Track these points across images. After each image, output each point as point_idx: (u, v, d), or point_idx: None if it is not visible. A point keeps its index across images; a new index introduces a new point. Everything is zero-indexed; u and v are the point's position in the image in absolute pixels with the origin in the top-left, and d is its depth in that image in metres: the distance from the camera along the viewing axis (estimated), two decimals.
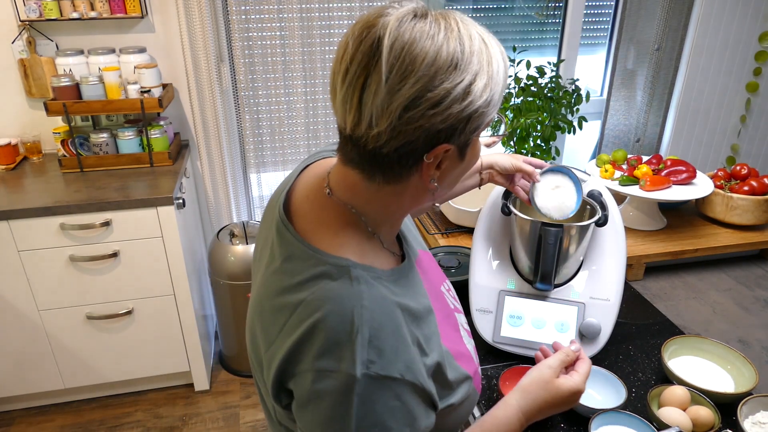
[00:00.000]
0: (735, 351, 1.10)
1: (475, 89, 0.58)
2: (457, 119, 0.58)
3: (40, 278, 1.95)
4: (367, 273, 0.64)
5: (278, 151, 2.46)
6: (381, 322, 0.61)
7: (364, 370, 0.58)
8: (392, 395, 0.60)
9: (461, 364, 0.76)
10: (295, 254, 0.65)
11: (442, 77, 0.56)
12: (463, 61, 0.57)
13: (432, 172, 0.63)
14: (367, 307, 0.61)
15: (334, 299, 0.61)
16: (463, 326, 0.85)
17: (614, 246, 1.19)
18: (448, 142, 0.60)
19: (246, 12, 2.19)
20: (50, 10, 2.01)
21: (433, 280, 0.83)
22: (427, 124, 0.58)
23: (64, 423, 2.20)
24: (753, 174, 1.69)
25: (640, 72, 2.68)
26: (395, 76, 0.56)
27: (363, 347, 0.59)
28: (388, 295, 0.65)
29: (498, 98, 0.62)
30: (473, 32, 0.60)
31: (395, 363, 0.61)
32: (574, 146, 2.89)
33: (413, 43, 0.56)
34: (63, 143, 2.13)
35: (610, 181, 1.67)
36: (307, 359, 0.60)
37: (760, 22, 2.66)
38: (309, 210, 0.69)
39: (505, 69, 0.63)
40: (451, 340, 0.76)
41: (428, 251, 0.91)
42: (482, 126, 0.62)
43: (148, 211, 1.92)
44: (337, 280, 0.62)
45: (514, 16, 2.60)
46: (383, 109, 0.57)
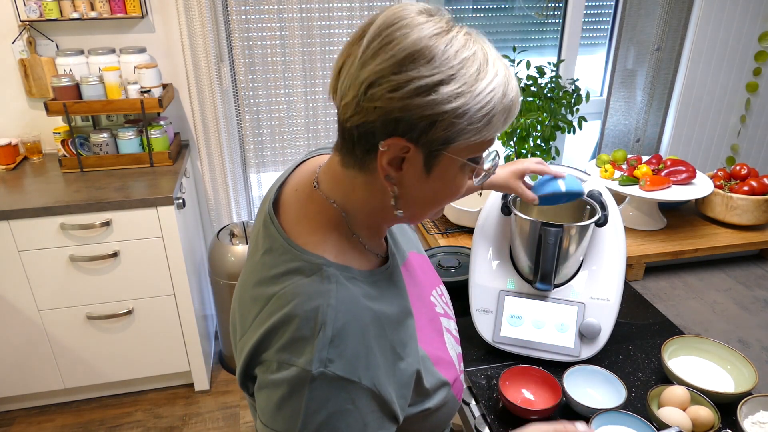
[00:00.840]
0: (735, 351, 1.10)
1: (443, 91, 0.56)
2: (417, 115, 0.57)
3: (40, 278, 1.95)
4: (341, 272, 0.65)
5: (278, 151, 2.46)
6: (346, 323, 0.61)
7: (321, 368, 0.59)
8: (347, 398, 0.60)
9: (440, 369, 0.75)
10: (275, 247, 0.67)
11: (411, 65, 0.56)
12: (441, 59, 0.56)
13: (386, 166, 0.61)
14: (333, 306, 0.61)
15: (303, 295, 0.62)
16: (451, 332, 0.84)
17: (614, 246, 1.19)
18: (405, 137, 0.58)
19: (246, 12, 2.19)
20: (50, 10, 2.01)
21: (423, 283, 0.83)
22: (386, 107, 0.57)
23: (64, 423, 2.20)
24: (753, 174, 1.69)
25: (640, 72, 2.68)
26: (370, 50, 0.57)
27: (323, 345, 0.59)
28: (360, 296, 0.65)
29: (479, 118, 0.58)
30: (474, 45, 0.58)
31: (355, 366, 0.61)
32: (574, 146, 2.89)
33: (400, 28, 0.57)
34: (63, 143, 2.13)
35: (610, 181, 1.67)
36: (271, 349, 0.61)
37: (760, 22, 2.66)
38: (294, 202, 0.70)
39: (501, 97, 0.59)
40: (431, 345, 0.76)
41: (423, 254, 0.91)
42: (455, 142, 0.59)
43: (148, 211, 1.92)
44: (309, 276, 0.63)
45: (514, 16, 2.60)
46: (353, 80, 0.58)
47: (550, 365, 1.14)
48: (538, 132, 2.25)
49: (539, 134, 2.26)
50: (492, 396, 1.08)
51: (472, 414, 1.06)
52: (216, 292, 2.35)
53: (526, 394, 1.06)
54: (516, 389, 1.06)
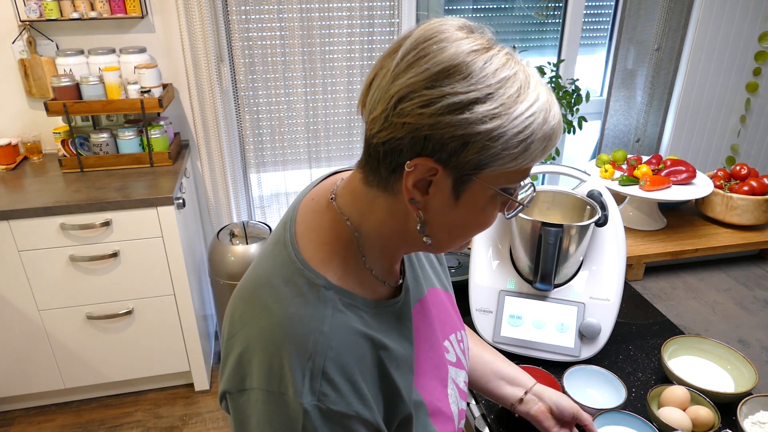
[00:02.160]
0: (735, 351, 1.10)
1: (477, 110, 0.52)
2: (448, 134, 0.53)
3: (40, 278, 1.96)
4: (340, 297, 0.61)
5: (278, 151, 2.46)
6: (339, 353, 0.58)
7: (315, 402, 0.55)
8: (342, 430, 0.57)
9: (436, 423, 0.70)
10: (282, 254, 0.64)
11: (446, 80, 0.52)
12: (478, 76, 0.53)
13: (411, 188, 0.57)
14: (326, 334, 0.58)
15: (295, 318, 0.58)
16: (458, 384, 0.78)
17: (614, 246, 1.19)
18: (434, 157, 0.55)
19: (246, 12, 2.19)
20: (50, 11, 2.01)
21: (438, 326, 0.77)
22: (415, 123, 0.53)
23: (64, 423, 2.20)
24: (753, 174, 1.69)
25: (640, 72, 2.68)
26: (404, 63, 0.54)
27: (315, 377, 0.56)
28: (358, 325, 0.61)
29: (515, 143, 0.54)
30: (515, 66, 0.55)
31: (350, 398, 0.57)
32: (574, 146, 2.89)
33: (437, 42, 0.54)
34: (63, 143, 2.13)
35: (610, 181, 1.67)
36: (260, 377, 0.57)
37: (760, 22, 2.66)
38: (308, 212, 0.67)
39: (542, 123, 0.55)
40: (430, 394, 0.70)
41: (449, 292, 0.85)
42: (488, 168, 0.55)
43: (148, 211, 1.92)
44: (305, 296, 0.59)
45: (514, 16, 2.60)
46: (383, 93, 0.55)
47: (550, 365, 1.14)
48: None
49: None
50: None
51: (472, 414, 1.06)
52: (216, 292, 2.35)
53: None
54: None
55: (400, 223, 0.62)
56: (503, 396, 0.94)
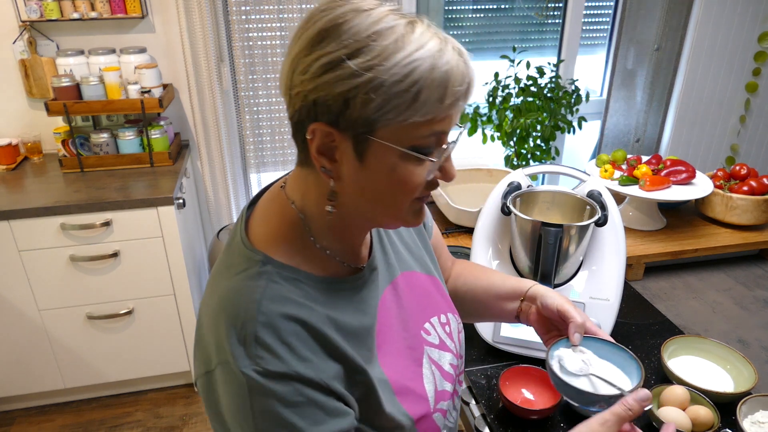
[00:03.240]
0: (734, 351, 1.10)
1: (350, 64, 0.53)
2: (329, 94, 0.54)
3: (41, 278, 1.96)
4: (281, 271, 0.62)
5: (278, 151, 2.46)
6: (270, 318, 0.58)
7: (253, 366, 0.56)
8: (292, 391, 0.58)
9: (402, 401, 0.68)
10: (234, 241, 0.67)
11: (320, 44, 0.54)
12: (348, 34, 0.54)
13: (317, 156, 0.58)
14: (256, 300, 0.59)
15: (232, 291, 0.61)
16: (440, 365, 0.77)
17: (614, 246, 1.19)
18: (324, 120, 0.56)
19: (246, 12, 2.19)
20: (51, 11, 2.01)
21: (414, 307, 0.77)
22: (303, 91, 0.56)
23: (64, 423, 2.20)
24: (752, 174, 1.69)
25: (639, 72, 2.68)
26: (293, 39, 0.58)
27: (248, 343, 0.57)
28: (296, 296, 0.61)
29: (398, 93, 0.53)
30: (401, 21, 0.55)
31: (287, 359, 0.58)
32: (574, 146, 2.89)
33: (322, 11, 0.56)
34: (63, 143, 2.13)
35: (610, 181, 1.67)
36: (212, 355, 0.60)
37: (759, 23, 2.66)
38: (263, 201, 0.70)
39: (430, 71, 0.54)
40: (397, 372, 0.70)
41: (433, 276, 0.84)
42: (379, 123, 0.55)
43: (148, 211, 1.92)
44: (245, 272, 0.62)
45: (514, 16, 2.60)
46: (282, 72, 0.59)
47: None
48: (538, 132, 2.26)
49: (539, 134, 2.27)
50: (492, 396, 1.08)
51: (472, 414, 1.07)
52: None
53: (526, 394, 1.06)
54: (516, 389, 1.06)
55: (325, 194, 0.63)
56: (507, 315, 0.89)
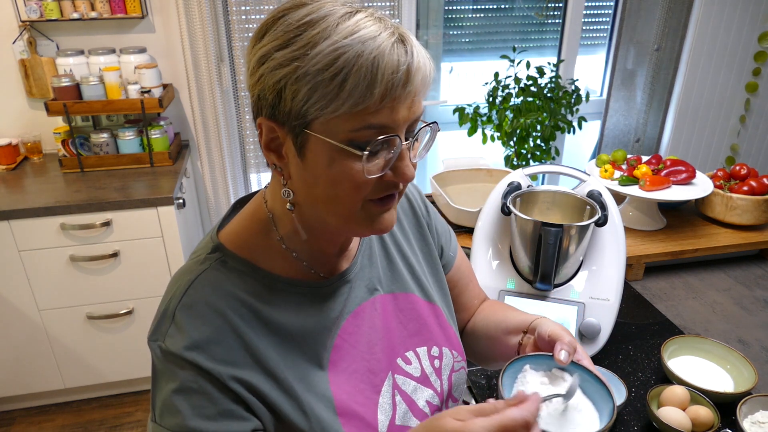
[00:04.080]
0: (734, 351, 1.10)
1: (277, 55, 0.54)
2: (266, 87, 0.55)
3: (41, 278, 1.96)
4: (228, 260, 0.63)
5: None
6: (194, 300, 0.59)
7: (160, 342, 0.58)
8: (187, 376, 0.57)
9: (345, 423, 0.64)
10: (206, 236, 0.70)
11: (258, 41, 0.57)
12: (279, 28, 0.56)
13: (268, 153, 0.60)
14: (188, 281, 0.61)
15: (179, 273, 0.64)
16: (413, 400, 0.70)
17: (614, 246, 1.19)
18: (264, 114, 0.57)
19: (246, 12, 2.19)
20: (51, 11, 2.01)
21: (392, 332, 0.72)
22: (250, 88, 0.58)
23: (64, 423, 2.20)
24: (752, 174, 1.69)
25: (639, 72, 2.68)
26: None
27: (165, 319, 0.59)
28: (234, 287, 0.61)
29: (324, 82, 0.52)
30: (328, 10, 0.54)
31: (189, 343, 0.57)
32: (573, 146, 2.89)
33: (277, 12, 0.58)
34: (63, 143, 2.13)
35: (610, 181, 1.67)
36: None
37: (759, 23, 2.66)
38: (246, 204, 0.71)
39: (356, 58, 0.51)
40: (346, 393, 0.65)
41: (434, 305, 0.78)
42: (309, 113, 0.53)
43: (148, 211, 1.92)
44: (196, 257, 0.65)
45: (514, 16, 2.60)
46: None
47: None
48: (538, 132, 2.26)
49: (539, 134, 2.27)
50: (492, 396, 1.08)
51: None
52: None
53: None
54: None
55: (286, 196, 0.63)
56: (510, 350, 0.79)
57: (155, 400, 0.60)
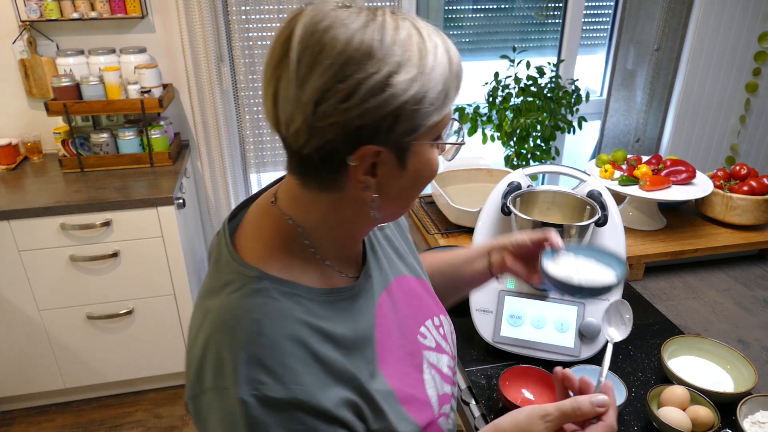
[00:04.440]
0: (735, 351, 1.10)
1: (397, 82, 0.52)
2: (378, 116, 0.53)
3: (41, 278, 1.96)
4: (278, 286, 0.60)
5: (278, 151, 2.46)
6: (272, 339, 0.56)
7: (252, 392, 0.53)
8: (291, 419, 0.55)
9: (409, 409, 0.67)
10: (221, 258, 0.64)
11: (354, 67, 0.51)
12: (381, 51, 0.52)
13: (363, 178, 0.57)
14: (258, 321, 0.56)
15: (227, 310, 0.58)
16: (439, 368, 0.76)
17: (614, 246, 1.19)
18: (373, 142, 0.54)
19: (246, 12, 2.19)
20: (51, 11, 2.01)
21: (409, 312, 0.76)
22: (343, 120, 0.53)
23: (64, 423, 2.20)
24: (752, 174, 1.69)
25: (639, 72, 2.68)
26: (304, 66, 0.52)
27: (250, 366, 0.54)
28: (297, 312, 0.59)
29: (437, 96, 0.55)
30: (404, 24, 0.55)
31: (289, 384, 0.55)
32: (573, 146, 2.89)
33: (325, 31, 0.52)
34: (63, 143, 2.13)
35: (610, 181, 1.67)
36: (207, 376, 0.57)
37: (759, 23, 2.66)
38: (251, 216, 0.67)
39: (449, 66, 0.56)
40: (401, 381, 0.68)
41: (422, 279, 0.83)
42: (422, 128, 0.56)
43: (148, 211, 1.92)
44: (239, 290, 0.59)
45: (514, 16, 2.60)
46: (296, 103, 0.53)
47: (550, 365, 1.14)
48: (538, 132, 2.26)
49: (539, 134, 2.27)
50: (492, 396, 1.08)
51: (472, 414, 1.06)
52: None
53: (526, 394, 1.06)
54: (516, 389, 1.06)
55: (350, 210, 0.62)
56: (479, 276, 0.91)
57: None
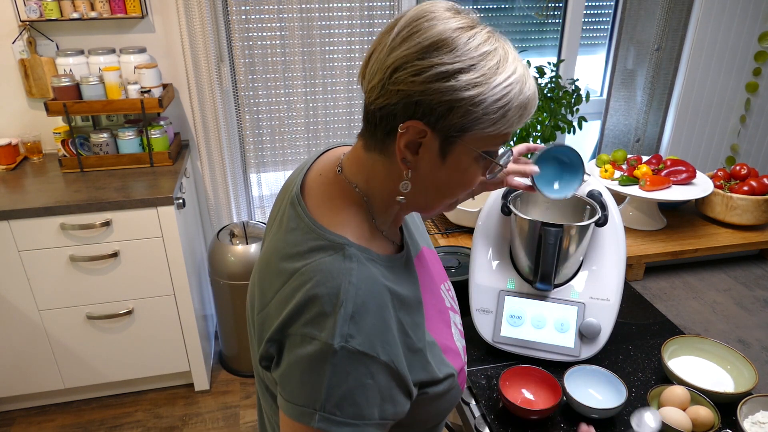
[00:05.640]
0: (735, 351, 1.10)
1: (461, 78, 0.60)
2: (436, 99, 0.60)
3: (40, 278, 1.96)
4: (362, 253, 0.67)
5: (278, 151, 2.46)
6: (365, 300, 0.64)
7: (342, 343, 0.61)
8: (366, 372, 0.63)
9: (448, 357, 0.78)
10: (300, 227, 0.70)
11: (435, 52, 0.60)
12: (462, 50, 0.60)
13: (404, 150, 0.64)
14: (354, 283, 0.64)
15: (325, 272, 0.64)
16: (457, 325, 0.87)
17: (614, 246, 1.19)
18: (423, 120, 0.62)
19: (246, 12, 2.19)
20: (50, 11, 2.01)
21: (434, 276, 0.85)
22: (407, 90, 0.61)
23: (64, 423, 2.20)
24: (752, 174, 1.69)
25: (640, 72, 2.68)
26: (399, 38, 0.62)
27: (344, 321, 0.62)
28: (379, 277, 0.67)
29: (494, 108, 0.61)
30: (494, 42, 0.62)
31: (374, 341, 0.63)
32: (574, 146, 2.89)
33: (428, 20, 0.62)
34: (63, 143, 2.13)
35: (610, 181, 1.67)
36: (296, 324, 0.64)
37: (760, 22, 2.66)
38: (318, 186, 0.74)
39: (518, 92, 0.62)
40: (439, 334, 0.78)
41: (433, 250, 0.93)
42: (471, 131, 0.62)
43: (148, 211, 1.92)
44: (332, 255, 0.66)
45: (514, 16, 2.60)
46: (381, 64, 0.63)
47: (550, 365, 1.14)
48: (538, 132, 2.25)
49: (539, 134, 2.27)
50: (492, 396, 1.08)
51: (472, 414, 1.06)
52: (216, 292, 2.35)
53: (526, 394, 1.06)
54: (516, 389, 1.06)
55: (396, 183, 0.69)
56: None
57: (328, 394, 0.62)
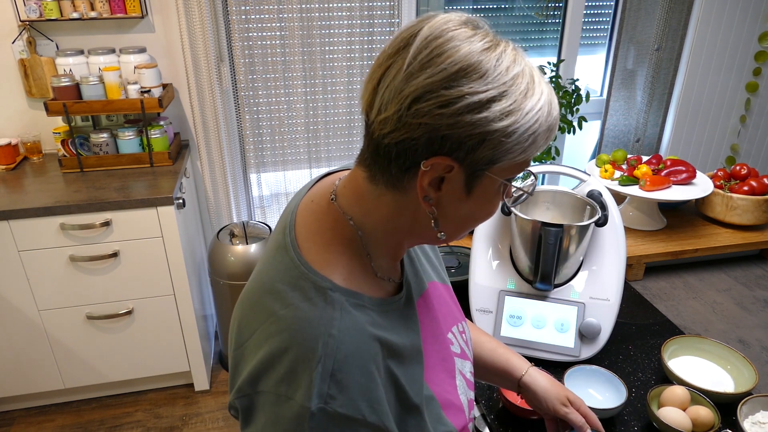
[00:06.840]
0: (735, 351, 1.10)
1: (495, 108, 0.53)
2: (466, 133, 0.54)
3: (40, 278, 1.95)
4: (348, 299, 0.61)
5: (278, 151, 2.46)
6: (347, 354, 0.57)
7: (321, 404, 0.55)
8: None
9: (448, 415, 0.70)
10: (285, 261, 0.63)
11: (463, 80, 0.53)
12: (493, 75, 0.53)
13: (427, 188, 0.57)
14: (335, 336, 0.57)
15: (302, 322, 0.58)
16: (464, 375, 0.78)
17: (614, 246, 1.19)
18: (451, 156, 0.55)
19: (246, 12, 2.19)
20: (50, 10, 2.01)
21: (441, 319, 0.77)
22: (433, 123, 0.54)
23: (64, 423, 2.20)
24: (753, 174, 1.69)
25: (640, 72, 2.68)
26: (417, 63, 0.54)
27: (323, 379, 0.55)
28: (367, 325, 0.60)
29: (525, 138, 0.55)
30: (522, 61, 0.56)
31: (358, 402, 0.56)
32: (574, 146, 2.89)
33: (449, 40, 0.54)
34: (63, 143, 2.13)
35: (610, 181, 1.67)
36: (269, 380, 0.57)
37: (760, 22, 2.66)
38: (309, 214, 0.66)
39: (546, 117, 0.57)
40: (440, 387, 0.71)
41: (447, 284, 0.85)
42: (500, 162, 0.56)
43: (148, 211, 1.92)
44: (312, 300, 0.59)
45: (514, 16, 2.60)
46: (396, 93, 0.55)
47: (550, 365, 1.14)
48: None
49: None
50: (492, 396, 1.08)
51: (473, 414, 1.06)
52: (216, 292, 2.35)
53: None
54: None
55: (407, 217, 0.62)
56: (496, 381, 0.95)
57: None
